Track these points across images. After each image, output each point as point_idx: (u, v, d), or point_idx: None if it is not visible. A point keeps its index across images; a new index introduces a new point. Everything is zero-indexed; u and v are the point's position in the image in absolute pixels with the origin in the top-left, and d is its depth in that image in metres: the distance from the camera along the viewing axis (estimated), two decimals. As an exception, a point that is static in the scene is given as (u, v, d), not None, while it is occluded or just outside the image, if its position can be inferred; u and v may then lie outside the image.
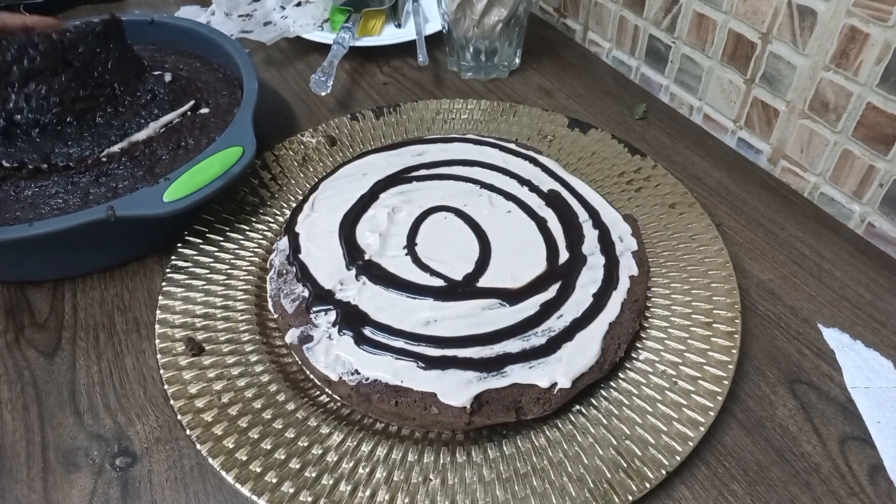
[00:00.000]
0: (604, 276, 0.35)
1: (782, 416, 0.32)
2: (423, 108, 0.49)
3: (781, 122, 0.44)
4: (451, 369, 0.30)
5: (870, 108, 0.38)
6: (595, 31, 0.58)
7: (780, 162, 0.45)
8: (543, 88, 0.54)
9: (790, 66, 0.42)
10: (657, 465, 0.28)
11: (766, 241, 0.41)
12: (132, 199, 0.35)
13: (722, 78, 0.47)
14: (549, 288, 0.34)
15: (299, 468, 0.28)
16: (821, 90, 0.41)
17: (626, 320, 0.33)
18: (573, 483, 0.28)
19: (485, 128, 0.47)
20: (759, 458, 0.30)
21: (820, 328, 0.35)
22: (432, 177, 0.41)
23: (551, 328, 0.32)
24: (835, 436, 0.31)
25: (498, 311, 0.33)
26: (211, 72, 0.48)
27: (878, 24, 0.36)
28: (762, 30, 0.43)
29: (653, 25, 0.51)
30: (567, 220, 0.38)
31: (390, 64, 0.58)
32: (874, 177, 0.40)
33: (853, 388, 0.33)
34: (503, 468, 0.28)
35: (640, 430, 0.29)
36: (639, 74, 0.55)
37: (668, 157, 0.47)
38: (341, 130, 0.47)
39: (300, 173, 0.44)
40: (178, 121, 0.42)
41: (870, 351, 0.34)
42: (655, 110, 0.52)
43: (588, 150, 0.45)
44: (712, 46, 0.47)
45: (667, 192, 0.41)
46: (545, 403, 0.29)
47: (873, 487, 0.29)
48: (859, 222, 0.41)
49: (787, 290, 0.38)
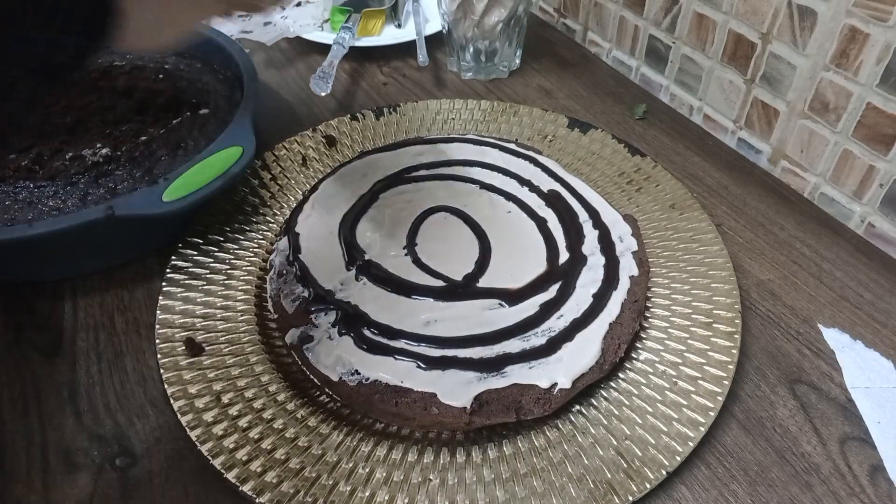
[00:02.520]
0: (604, 276, 0.35)
1: (782, 416, 0.32)
2: (423, 109, 0.49)
3: (781, 123, 0.44)
4: (451, 369, 0.30)
5: (870, 108, 0.38)
6: (595, 32, 0.58)
7: (781, 162, 0.45)
8: (543, 89, 0.54)
9: (790, 66, 0.42)
10: (657, 465, 0.28)
11: (767, 241, 0.41)
12: (131, 199, 0.35)
13: (722, 78, 0.47)
14: (549, 288, 0.34)
15: (299, 468, 0.28)
16: (821, 90, 0.41)
17: (626, 320, 0.33)
18: (573, 483, 0.28)
19: (485, 128, 0.47)
20: (760, 458, 0.30)
21: (820, 328, 0.35)
22: (432, 177, 0.41)
23: (551, 328, 0.32)
24: (835, 436, 0.31)
25: (498, 312, 0.33)
26: (211, 72, 0.48)
27: (878, 25, 0.36)
28: (762, 30, 0.43)
29: (653, 25, 0.51)
30: (567, 221, 0.38)
31: (390, 64, 0.58)
32: (874, 177, 0.39)
33: (853, 389, 0.33)
34: (503, 468, 0.28)
35: (641, 430, 0.29)
36: (639, 75, 0.55)
37: (669, 158, 0.47)
38: (341, 131, 0.47)
39: (300, 173, 0.44)
40: (178, 121, 0.42)
41: (870, 351, 0.34)
42: (655, 110, 0.52)
43: (588, 150, 0.45)
44: (712, 46, 0.47)
45: (667, 192, 0.41)
46: (545, 404, 0.29)
47: (873, 487, 0.29)
48: (859, 222, 0.41)
49: (788, 290, 0.38)
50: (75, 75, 0.38)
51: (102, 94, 0.45)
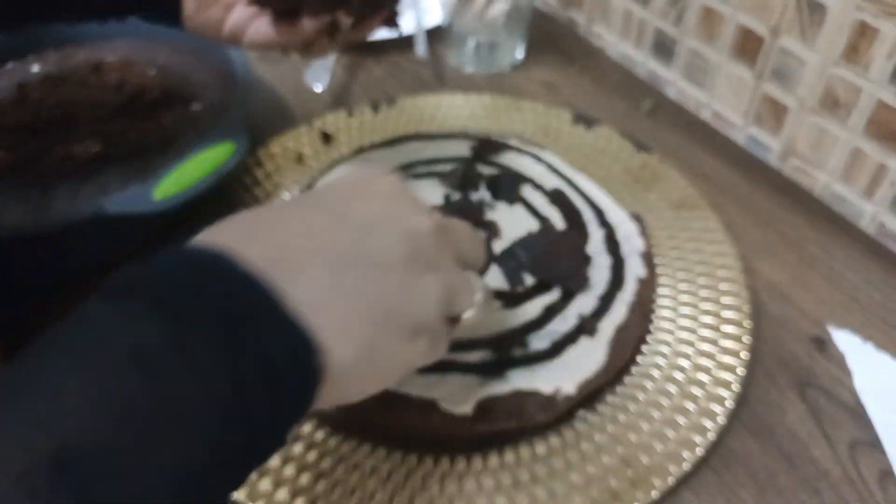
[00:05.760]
0: (610, 277, 0.34)
1: (792, 420, 0.31)
2: (423, 103, 0.47)
3: (791, 119, 0.43)
4: (451, 373, 0.29)
5: (881, 105, 0.37)
6: (600, 25, 0.57)
7: (790, 160, 0.45)
8: (547, 83, 0.53)
9: (800, 61, 0.41)
10: (663, 472, 0.27)
11: (776, 241, 0.40)
12: (122, 196, 0.34)
13: (730, 73, 0.46)
14: (552, 290, 0.33)
15: (295, 473, 0.27)
16: (831, 86, 0.40)
17: (632, 323, 0.32)
18: (577, 492, 0.27)
19: (486, 123, 0.46)
20: (768, 463, 0.29)
21: (830, 331, 0.35)
22: (431, 174, 0.41)
23: (555, 331, 0.31)
24: (845, 441, 0.30)
25: (500, 314, 0.32)
26: (204, 67, 0.47)
27: (888, 20, 0.35)
28: (771, 24, 0.42)
29: (659, 19, 0.50)
30: (572, 220, 0.37)
31: (388, 58, 0.56)
32: (886, 175, 0.39)
33: (863, 392, 0.32)
34: (504, 477, 0.28)
35: (646, 436, 0.29)
36: (645, 69, 0.54)
37: (676, 154, 0.46)
38: (338, 126, 0.46)
39: (295, 171, 0.43)
40: (169, 117, 0.42)
41: (881, 354, 0.34)
42: (662, 106, 0.51)
43: (593, 146, 0.44)
44: (720, 40, 0.46)
45: (674, 190, 0.40)
46: (549, 410, 0.29)
47: (883, 493, 0.28)
48: (870, 222, 0.41)
49: (798, 291, 0.37)
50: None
51: (93, 89, 0.44)
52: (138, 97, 0.43)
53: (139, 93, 0.44)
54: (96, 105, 0.43)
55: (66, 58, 0.48)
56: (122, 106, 0.42)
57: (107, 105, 0.43)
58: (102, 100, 0.43)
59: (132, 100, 0.43)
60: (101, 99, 0.43)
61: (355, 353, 0.19)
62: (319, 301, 0.18)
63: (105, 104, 0.43)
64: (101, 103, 0.43)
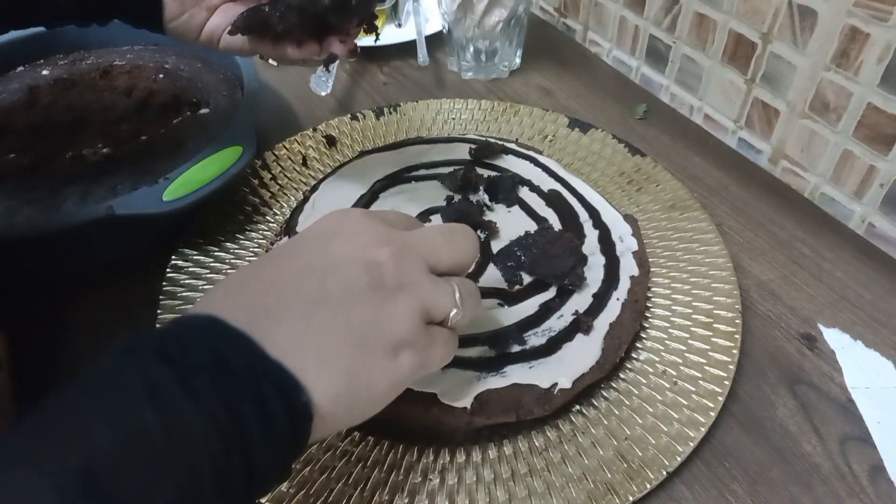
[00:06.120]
0: (604, 276, 0.35)
1: (782, 416, 0.31)
2: (424, 108, 0.48)
3: (782, 122, 0.44)
4: (450, 369, 0.30)
5: (870, 108, 0.38)
6: (595, 31, 0.58)
7: (781, 162, 0.45)
8: (544, 88, 0.54)
9: (791, 66, 0.42)
10: (657, 465, 0.28)
11: (767, 241, 0.41)
12: (132, 198, 0.35)
13: (722, 78, 0.47)
14: (548, 288, 0.34)
15: (298, 468, 0.28)
16: (821, 90, 0.41)
17: (626, 320, 0.33)
18: (573, 484, 0.28)
19: (485, 128, 0.47)
20: (760, 458, 0.30)
21: (820, 328, 0.35)
22: (432, 177, 0.41)
23: (551, 328, 0.32)
24: (835, 436, 0.31)
25: (498, 311, 0.33)
26: (212, 72, 0.48)
27: (878, 24, 0.36)
28: (762, 30, 0.43)
29: (653, 25, 0.51)
30: (567, 220, 0.38)
31: (390, 64, 0.57)
32: (875, 177, 0.39)
33: (854, 389, 0.33)
34: (503, 468, 0.28)
35: (641, 430, 0.29)
36: (639, 74, 0.55)
37: (669, 157, 0.47)
38: (341, 130, 0.47)
39: (300, 173, 0.44)
40: (178, 120, 0.43)
41: (870, 351, 0.34)
42: (656, 110, 0.51)
43: (588, 150, 0.45)
44: (713, 46, 0.47)
45: (667, 192, 0.41)
46: (546, 404, 0.29)
47: (874, 488, 0.29)
48: (860, 222, 0.41)
49: (788, 290, 0.38)
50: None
51: (103, 93, 0.45)
52: (147, 101, 0.44)
53: (148, 97, 0.45)
54: (106, 108, 0.43)
55: (76, 62, 0.49)
56: (131, 109, 0.43)
57: (116, 108, 0.43)
58: (112, 103, 0.44)
59: (141, 103, 0.44)
60: (111, 102, 0.44)
61: (338, 381, 0.21)
62: (296, 344, 0.20)
63: (114, 107, 0.44)
64: (110, 107, 0.44)
